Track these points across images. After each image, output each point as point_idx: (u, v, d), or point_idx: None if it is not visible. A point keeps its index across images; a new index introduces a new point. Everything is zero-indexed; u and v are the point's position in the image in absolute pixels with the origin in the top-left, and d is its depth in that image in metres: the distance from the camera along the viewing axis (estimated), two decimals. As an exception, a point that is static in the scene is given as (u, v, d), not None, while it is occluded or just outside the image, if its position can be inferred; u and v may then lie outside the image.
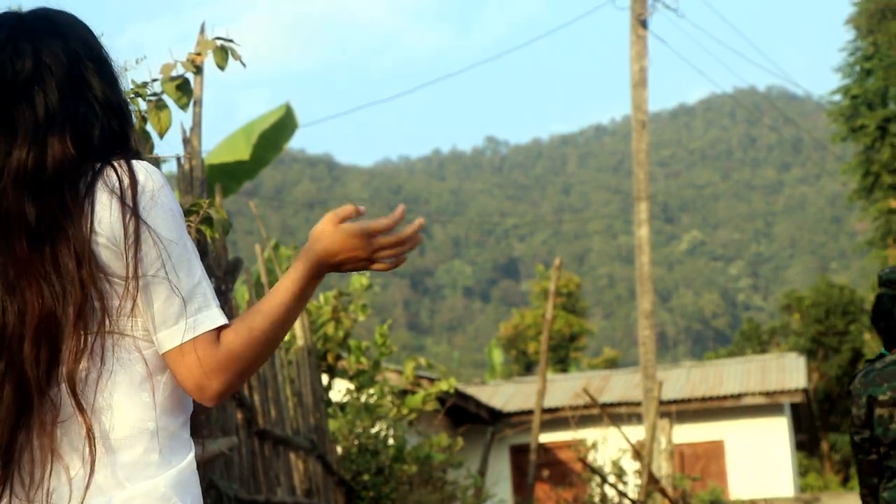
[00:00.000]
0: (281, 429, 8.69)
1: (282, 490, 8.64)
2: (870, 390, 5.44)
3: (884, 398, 5.36)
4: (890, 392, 5.36)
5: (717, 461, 26.32)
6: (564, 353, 43.49)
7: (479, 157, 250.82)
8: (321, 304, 12.47)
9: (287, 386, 9.27)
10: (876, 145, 40.16)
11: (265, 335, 2.44)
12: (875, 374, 5.48)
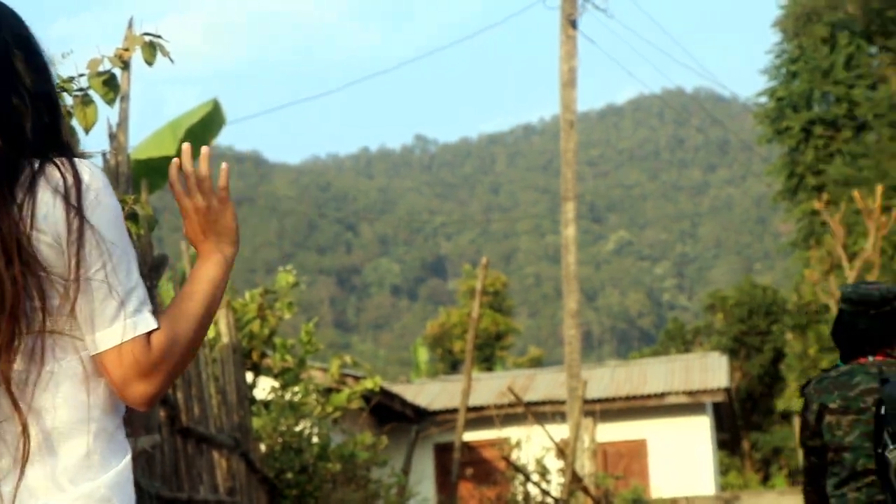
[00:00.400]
0: (204, 427, 8.66)
1: (204, 488, 8.62)
2: (822, 397, 5.70)
3: (834, 406, 5.62)
4: (840, 400, 5.62)
5: (639, 460, 26.48)
6: (490, 352, 43.59)
7: (408, 156, 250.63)
8: (247, 301, 12.44)
9: (211, 384, 9.24)
10: (800, 147, 40.60)
11: (194, 334, 2.45)
12: (828, 382, 5.74)
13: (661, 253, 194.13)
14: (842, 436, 5.56)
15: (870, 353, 5.71)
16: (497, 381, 28.88)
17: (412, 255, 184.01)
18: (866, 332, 5.70)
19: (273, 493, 11.01)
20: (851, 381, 5.63)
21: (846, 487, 5.55)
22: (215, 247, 2.59)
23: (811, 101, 41.10)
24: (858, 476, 5.50)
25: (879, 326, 5.69)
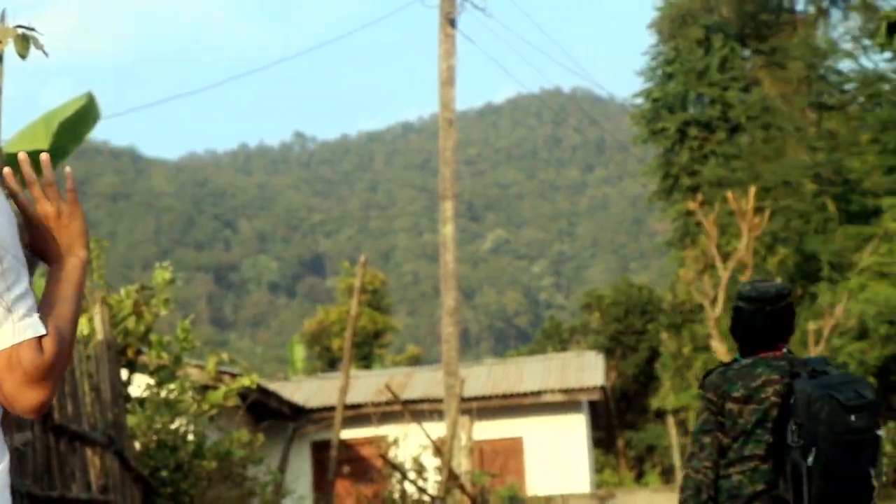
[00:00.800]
0: (78, 424, 8.54)
1: (77, 486, 8.50)
2: (725, 386, 6.06)
3: (737, 395, 6.00)
4: (743, 390, 6.01)
5: (516, 458, 26.63)
6: (368, 350, 43.53)
7: (287, 153, 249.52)
8: (122, 297, 12.29)
9: (85, 381, 9.12)
10: (675, 148, 41.08)
11: (72, 338, 2.42)
12: (732, 374, 6.10)
13: (539, 252, 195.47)
14: (743, 423, 5.95)
15: (768, 348, 6.11)
16: (375, 379, 28.85)
17: (290, 252, 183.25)
18: (763, 328, 6.11)
19: (147, 491, 10.90)
20: (754, 373, 6.03)
21: (732, 469, 5.94)
22: (71, 251, 2.55)
23: (686, 103, 41.59)
24: (745, 460, 5.90)
25: (775, 322, 6.12)
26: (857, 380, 5.87)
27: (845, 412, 5.57)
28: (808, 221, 31.02)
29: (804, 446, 5.59)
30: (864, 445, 5.62)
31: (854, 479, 5.62)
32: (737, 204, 22.59)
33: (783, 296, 6.17)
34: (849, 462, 5.57)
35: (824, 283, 30.33)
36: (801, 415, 5.63)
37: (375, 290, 44.68)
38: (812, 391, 5.64)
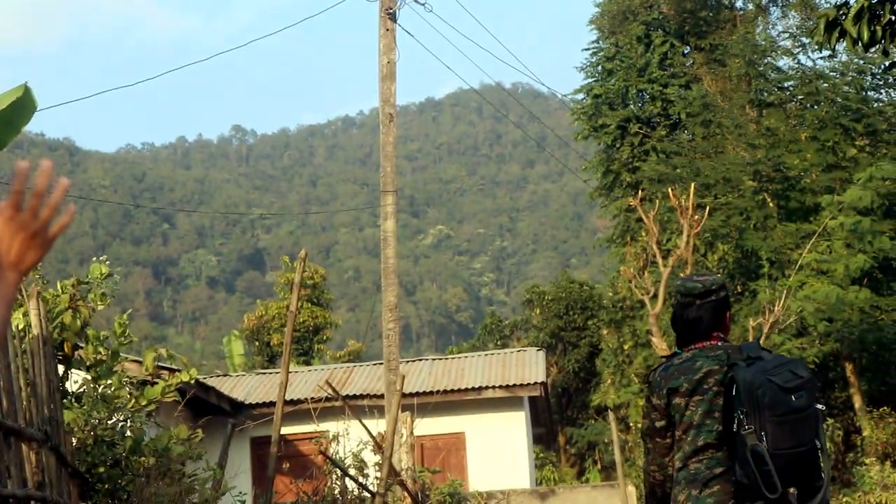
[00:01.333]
0: (13, 419, 8.40)
1: (12, 482, 8.35)
2: (670, 382, 6.34)
3: (682, 389, 6.28)
4: (686, 384, 6.28)
5: (457, 454, 26.59)
6: (308, 346, 43.36)
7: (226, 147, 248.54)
8: (58, 292, 12.13)
9: (20, 376, 8.97)
10: (616, 144, 41.18)
11: None
12: (674, 369, 6.37)
13: (480, 248, 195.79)
14: (690, 415, 6.26)
15: (703, 339, 6.41)
16: (315, 375, 28.73)
17: (230, 247, 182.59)
18: (696, 320, 6.43)
19: (84, 487, 10.75)
20: (694, 366, 6.32)
21: (689, 461, 6.24)
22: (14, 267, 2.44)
23: (627, 99, 41.71)
24: (699, 451, 6.21)
25: (706, 315, 6.43)
26: (790, 361, 6.18)
27: (785, 394, 5.90)
28: (748, 218, 31.17)
29: (753, 431, 5.88)
30: (806, 421, 5.95)
31: (802, 454, 5.93)
32: (677, 200, 22.66)
33: (711, 291, 6.48)
34: (795, 439, 5.89)
35: (764, 279, 30.49)
36: (746, 402, 5.92)
37: (316, 285, 44.50)
38: (752, 379, 5.94)
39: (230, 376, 30.49)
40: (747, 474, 5.95)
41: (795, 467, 5.94)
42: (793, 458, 5.92)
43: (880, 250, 28.17)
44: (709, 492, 6.15)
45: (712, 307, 6.48)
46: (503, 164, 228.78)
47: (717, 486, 6.15)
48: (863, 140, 31.91)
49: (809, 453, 5.96)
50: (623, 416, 38.34)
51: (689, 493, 6.20)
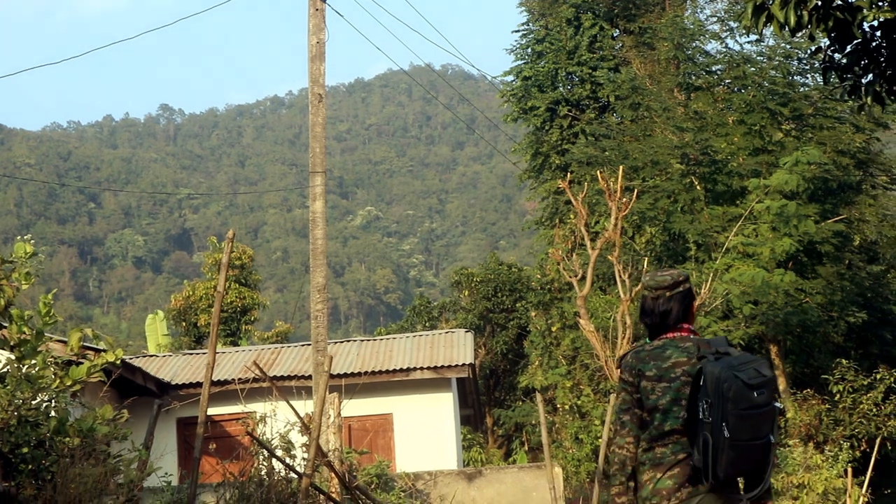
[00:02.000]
0: (-66, 401, 8.29)
1: (-67, 465, 8.25)
2: (640, 366, 6.90)
3: (650, 374, 6.84)
4: (655, 370, 6.84)
5: (384, 435, 26.59)
6: (236, 326, 43.16)
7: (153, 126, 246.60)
8: (-19, 271, 11.98)
9: (-58, 356, 8.86)
10: (545, 127, 41.26)
11: None
12: (645, 354, 6.93)
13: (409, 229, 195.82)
14: (655, 399, 6.79)
15: (673, 330, 7.00)
16: (242, 356, 28.62)
17: (156, 227, 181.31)
18: (665, 312, 7.01)
19: (8, 467, 10.65)
20: (664, 354, 6.88)
21: (656, 444, 6.78)
22: None
23: (556, 82, 41.78)
24: (665, 435, 6.75)
25: (675, 306, 7.02)
26: (755, 360, 6.67)
27: (749, 390, 6.42)
28: (676, 201, 31.34)
29: (714, 421, 6.40)
30: (765, 417, 6.47)
31: (757, 446, 6.47)
32: (605, 183, 22.72)
33: (679, 283, 7.10)
34: (753, 432, 6.42)
35: (691, 262, 30.69)
36: (711, 394, 6.43)
37: (243, 266, 44.29)
38: (719, 373, 6.45)
39: (156, 357, 30.28)
40: (702, 460, 6.50)
41: (749, 457, 6.46)
42: (749, 449, 6.43)
43: (805, 234, 28.43)
44: (670, 474, 6.72)
45: (680, 298, 7.07)
46: (432, 146, 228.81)
47: (677, 470, 6.70)
48: (789, 124, 32.17)
49: (764, 446, 6.48)
50: (550, 397, 38.47)
51: (653, 476, 6.76)
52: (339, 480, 12.69)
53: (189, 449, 22.64)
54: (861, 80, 11.22)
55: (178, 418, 25.30)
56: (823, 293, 29.39)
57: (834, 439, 26.60)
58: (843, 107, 32.18)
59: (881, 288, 34.07)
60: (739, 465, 6.48)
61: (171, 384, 25.84)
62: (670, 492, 6.71)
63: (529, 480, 18.80)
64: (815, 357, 31.75)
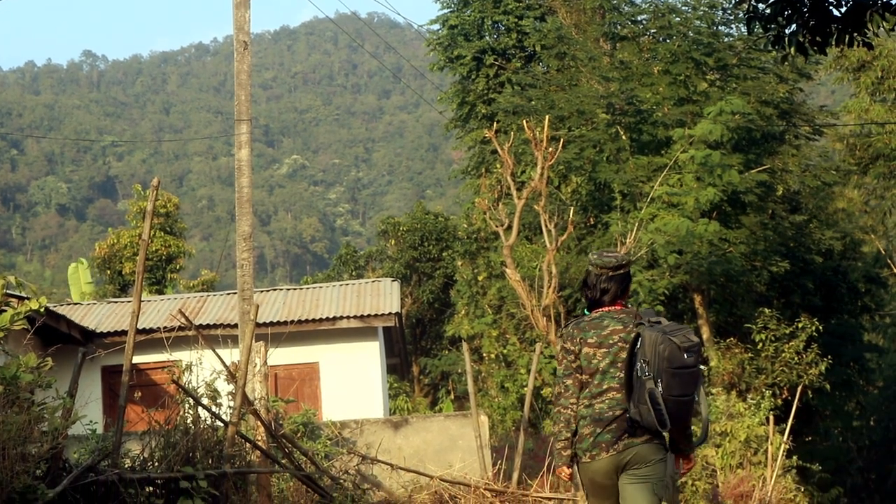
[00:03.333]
0: None
1: None
2: (582, 335, 7.98)
3: (591, 341, 7.95)
4: (595, 337, 7.94)
5: (311, 383, 26.60)
6: (161, 275, 42.87)
7: (76, 72, 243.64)
8: None
9: None
10: (472, 76, 41.15)
11: None
12: (585, 324, 8.03)
13: (335, 178, 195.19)
14: (597, 362, 7.90)
15: (610, 305, 8.06)
16: (168, 304, 28.50)
17: (80, 174, 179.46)
18: (606, 289, 8.08)
19: (-71, 419, 10.55)
20: (602, 324, 7.99)
21: (594, 400, 7.85)
22: None
23: (482, 31, 41.63)
24: (603, 393, 7.85)
25: (615, 285, 8.09)
26: (684, 327, 7.79)
27: (680, 351, 7.48)
28: (601, 151, 31.44)
29: (651, 378, 7.49)
30: (693, 376, 7.60)
31: (684, 400, 7.55)
32: (532, 133, 22.75)
33: (622, 265, 8.17)
34: (682, 389, 7.50)
35: (616, 212, 30.85)
36: (649, 355, 7.50)
37: (169, 214, 43.97)
38: (656, 336, 7.53)
39: (81, 305, 30.06)
40: (640, 413, 7.57)
41: (678, 411, 7.53)
42: (678, 403, 7.51)
43: (729, 184, 28.65)
44: (609, 428, 7.79)
45: (620, 279, 8.16)
46: (359, 95, 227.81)
47: (615, 425, 7.78)
48: (714, 74, 32.34)
49: (689, 402, 7.56)
50: (476, 346, 38.65)
51: (593, 430, 7.83)
52: (265, 429, 12.70)
53: (114, 397, 22.55)
54: (784, 31, 11.29)
55: (102, 366, 25.18)
56: (747, 243, 29.69)
57: (756, 387, 26.97)
58: (767, 57, 32.42)
59: (803, 238, 34.47)
60: (673, 418, 7.52)
61: (96, 332, 25.70)
62: (608, 444, 7.78)
63: (455, 429, 18.92)
64: (739, 306, 32.10)
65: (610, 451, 7.78)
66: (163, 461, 10.91)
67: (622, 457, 7.79)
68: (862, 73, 34.16)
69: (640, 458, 7.81)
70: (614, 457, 7.78)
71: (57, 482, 9.70)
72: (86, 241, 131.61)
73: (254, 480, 12.18)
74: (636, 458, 7.80)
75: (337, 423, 18.50)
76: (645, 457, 7.81)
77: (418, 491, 14.41)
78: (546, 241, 21.44)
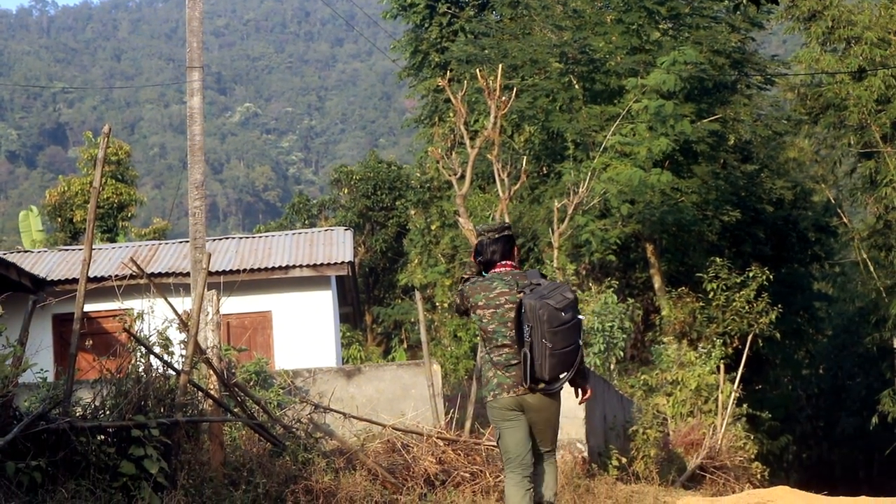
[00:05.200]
0: None
1: None
2: (474, 297, 9.19)
3: (482, 303, 9.14)
4: (484, 299, 9.13)
5: (263, 332, 26.54)
6: (113, 223, 42.58)
7: (26, 18, 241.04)
8: None
9: None
10: (425, 24, 41.03)
11: None
12: (478, 285, 9.22)
13: (288, 126, 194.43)
14: (486, 323, 9.09)
15: (498, 266, 9.22)
16: (120, 252, 28.33)
17: (30, 121, 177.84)
18: (494, 251, 9.26)
19: None
20: (492, 286, 9.14)
21: (493, 354, 9.09)
22: None
23: (436, -22, 41.49)
24: (498, 348, 9.06)
25: (500, 247, 9.28)
26: (560, 286, 9.12)
27: (557, 311, 8.74)
28: (554, 100, 31.47)
29: (535, 339, 8.71)
30: (572, 329, 8.87)
31: (569, 350, 8.83)
32: (485, 81, 22.70)
33: (504, 229, 9.39)
34: (566, 341, 8.79)
35: (569, 161, 30.91)
36: (531, 320, 8.71)
37: (120, 162, 43.64)
38: (534, 302, 8.74)
39: (31, 252, 29.86)
40: (531, 364, 8.78)
41: (566, 359, 8.81)
42: (564, 353, 8.77)
43: (681, 133, 28.77)
44: (509, 374, 9.00)
45: (505, 240, 9.30)
46: (311, 42, 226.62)
47: (514, 372, 8.97)
48: (666, 24, 32.40)
49: (574, 350, 8.87)
50: (429, 295, 38.73)
51: (495, 373, 9.07)
52: (217, 377, 12.68)
53: (65, 345, 22.44)
54: (738, -19, 11.30)
55: (53, 315, 25.03)
56: (699, 192, 29.84)
57: (707, 336, 27.16)
58: (720, 6, 32.51)
59: (755, 187, 34.67)
60: (561, 366, 8.81)
61: (47, 280, 25.53)
62: (510, 386, 8.99)
63: (408, 378, 18.95)
64: (690, 255, 32.29)
65: (510, 392, 9.01)
66: (114, 410, 10.88)
67: (520, 400, 9.00)
68: (812, 22, 34.25)
69: (538, 405, 9.02)
70: (514, 398, 9.00)
71: (7, 430, 9.66)
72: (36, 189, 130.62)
73: (206, 429, 12.17)
74: (533, 405, 9.02)
75: (289, 372, 18.50)
76: (541, 403, 9.02)
77: (371, 440, 14.43)
78: (499, 191, 21.45)
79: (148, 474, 10.30)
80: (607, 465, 18.49)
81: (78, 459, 10.09)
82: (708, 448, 20.92)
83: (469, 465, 13.93)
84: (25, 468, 9.56)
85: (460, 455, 14.12)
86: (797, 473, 43.62)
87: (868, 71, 33.32)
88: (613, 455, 18.58)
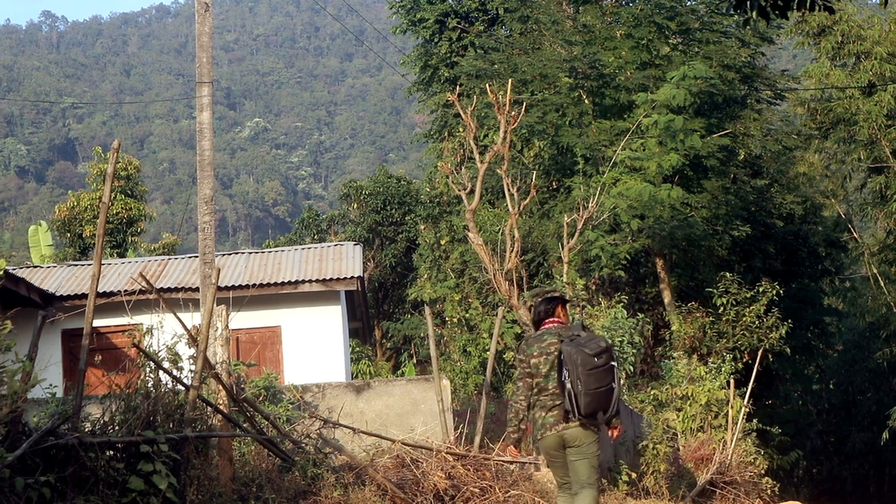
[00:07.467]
0: None
1: None
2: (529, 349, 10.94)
3: (536, 354, 10.87)
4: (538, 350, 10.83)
5: (273, 347, 26.50)
6: (122, 238, 42.61)
7: (35, 33, 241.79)
8: None
9: None
10: (435, 39, 41.06)
11: None
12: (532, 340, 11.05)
13: (297, 141, 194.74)
14: (540, 368, 10.69)
15: (546, 322, 11.00)
16: (129, 267, 28.34)
17: (40, 136, 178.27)
18: (543, 311, 11.07)
19: None
20: (542, 338, 10.85)
21: (541, 395, 10.71)
22: None
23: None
24: (545, 389, 10.70)
25: (545, 308, 11.06)
26: (597, 337, 10.68)
27: (592, 357, 10.32)
28: (564, 115, 31.42)
29: (573, 381, 10.31)
30: (605, 372, 10.41)
31: (604, 392, 10.41)
32: (494, 96, 22.66)
33: (549, 293, 11.14)
34: (598, 381, 10.36)
35: (579, 176, 30.87)
36: (569, 364, 10.36)
37: (129, 177, 43.67)
38: (571, 349, 10.39)
39: (41, 268, 29.86)
40: (571, 404, 10.38)
41: (600, 399, 10.36)
42: (598, 393, 10.34)
43: (691, 148, 28.69)
44: (552, 414, 10.60)
45: (548, 301, 11.10)
46: (321, 58, 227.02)
47: (556, 411, 10.58)
48: (676, 38, 32.34)
49: (609, 391, 10.42)
50: (439, 310, 38.67)
51: (541, 414, 10.66)
52: (226, 392, 12.67)
53: (74, 361, 22.44)
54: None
55: (62, 330, 25.02)
56: (709, 207, 29.76)
57: (717, 351, 27.05)
58: (729, 21, 32.44)
59: (765, 202, 34.60)
60: (594, 405, 10.34)
61: (56, 295, 25.53)
62: (552, 424, 10.58)
63: (418, 393, 18.91)
64: (700, 270, 32.21)
65: (552, 431, 10.60)
66: (123, 425, 10.86)
67: (562, 436, 10.56)
68: (822, 37, 34.24)
69: (575, 438, 10.53)
70: (556, 435, 10.58)
71: (16, 446, 9.64)
72: (46, 204, 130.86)
73: (215, 444, 12.15)
74: (572, 438, 10.54)
75: (299, 387, 18.45)
76: (578, 437, 10.52)
77: (380, 455, 14.39)
78: (509, 205, 21.39)
79: (157, 490, 10.28)
80: (617, 480, 18.44)
81: (87, 475, 10.06)
82: (718, 463, 20.84)
83: (479, 481, 13.88)
84: (35, 484, 9.53)
85: (470, 470, 14.07)
86: (808, 489, 43.47)
87: (878, 86, 33.29)
88: (623, 470, 18.54)
